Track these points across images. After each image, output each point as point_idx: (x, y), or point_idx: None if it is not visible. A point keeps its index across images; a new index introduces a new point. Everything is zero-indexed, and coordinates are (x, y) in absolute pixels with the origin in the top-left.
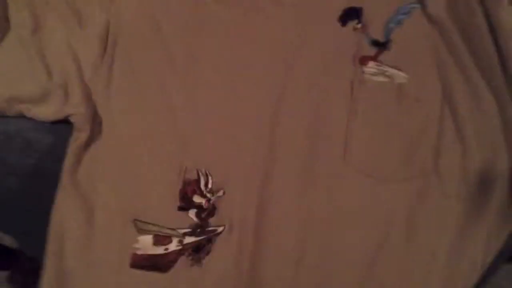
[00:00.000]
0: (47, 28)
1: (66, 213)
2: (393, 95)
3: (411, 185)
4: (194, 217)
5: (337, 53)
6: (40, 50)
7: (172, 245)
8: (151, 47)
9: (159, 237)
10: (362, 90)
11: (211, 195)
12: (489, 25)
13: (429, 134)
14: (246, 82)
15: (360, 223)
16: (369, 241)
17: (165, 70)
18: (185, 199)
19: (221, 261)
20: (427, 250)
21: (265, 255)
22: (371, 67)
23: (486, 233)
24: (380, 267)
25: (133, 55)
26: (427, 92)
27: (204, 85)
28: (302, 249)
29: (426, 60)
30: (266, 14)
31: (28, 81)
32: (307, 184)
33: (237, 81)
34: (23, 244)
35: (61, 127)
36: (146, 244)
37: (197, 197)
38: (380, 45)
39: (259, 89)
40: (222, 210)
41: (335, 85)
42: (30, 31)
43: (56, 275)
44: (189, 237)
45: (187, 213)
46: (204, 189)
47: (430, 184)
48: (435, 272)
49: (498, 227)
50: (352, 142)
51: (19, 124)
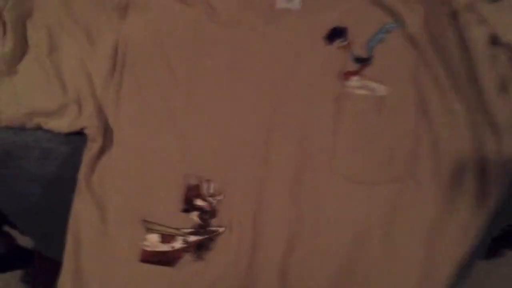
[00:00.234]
0: (62, 48)
1: (82, 215)
2: (374, 107)
3: (390, 188)
4: (196, 218)
5: (324, 68)
6: (56, 68)
7: (178, 243)
8: (155, 65)
9: (165, 236)
10: (347, 102)
11: (212, 199)
12: (460, 42)
13: (406, 141)
14: (243, 97)
15: (343, 223)
16: (351, 239)
17: (168, 86)
18: (188, 202)
19: (222, 257)
20: (404, 247)
21: (260, 253)
22: (354, 81)
23: (460, 229)
24: (362, 263)
25: (139, 72)
26: (405, 104)
27: (204, 99)
28: (291, 246)
29: (404, 74)
30: (261, 35)
31: (46, 97)
32: (297, 189)
33: (234, 96)
34: (42, 245)
35: (75, 138)
36: (154, 242)
37: (199, 200)
38: (363, 61)
39: (254, 103)
40: (222, 212)
41: (322, 98)
42: (47, 51)
43: (73, 271)
44: (193, 236)
45: (190, 215)
46: (206, 193)
47: (407, 187)
48: (413, 267)
49: (470, 223)
50: (337, 150)
51: (37, 135)
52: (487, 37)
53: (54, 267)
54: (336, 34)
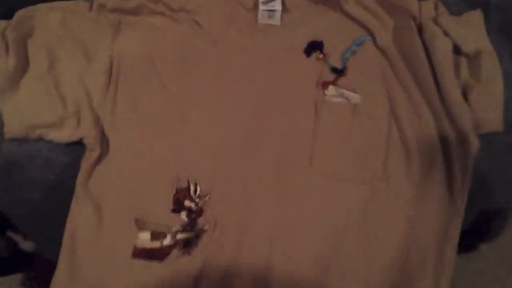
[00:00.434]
0: (61, 65)
1: (78, 216)
2: (349, 113)
3: (366, 186)
4: (185, 217)
5: (303, 78)
6: (55, 84)
7: (167, 240)
8: (147, 78)
9: (155, 233)
10: (324, 109)
11: (199, 200)
12: (426, 51)
13: (379, 143)
14: (228, 105)
15: (323, 219)
16: (330, 235)
17: (159, 96)
18: (177, 203)
19: (206, 251)
20: (380, 241)
21: (245, 249)
22: (331, 90)
23: (433, 222)
24: (339, 257)
25: (133, 85)
26: (377, 110)
27: (193, 108)
28: (275, 242)
29: (376, 83)
30: (244, 49)
31: (46, 110)
32: (280, 188)
33: (220, 105)
34: (42, 247)
35: (75, 147)
36: (145, 240)
37: (188, 201)
38: (339, 72)
39: (239, 111)
40: (208, 212)
41: (302, 105)
42: (47, 67)
43: (68, 267)
44: (180, 234)
45: (179, 215)
46: (193, 195)
47: (382, 185)
48: (388, 261)
49: (443, 215)
50: (316, 151)
51: (39, 146)
52: (450, 47)
53: (54, 269)
54: (313, 47)
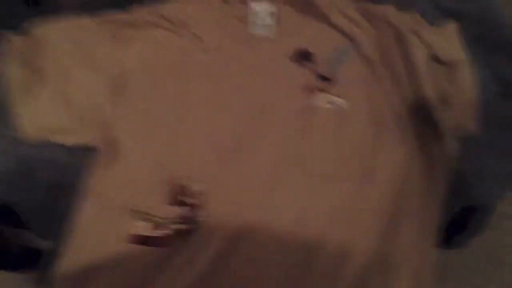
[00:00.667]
0: (70, 76)
1: (83, 213)
2: (336, 118)
3: (350, 185)
4: (183, 212)
5: (294, 85)
6: (63, 91)
7: (165, 230)
8: (147, 87)
9: (155, 224)
10: (315, 113)
11: (194, 198)
12: (406, 59)
13: (362, 146)
14: (224, 110)
15: (310, 217)
16: (313, 234)
17: (160, 102)
18: (177, 199)
19: (198, 240)
20: (361, 239)
21: (239, 243)
22: (321, 98)
23: (415, 218)
24: (320, 256)
25: (133, 93)
26: (361, 115)
27: (191, 113)
28: (266, 239)
29: (361, 90)
30: (239, 58)
31: (54, 116)
32: (272, 186)
33: (217, 109)
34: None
35: (80, 149)
36: (145, 229)
37: (186, 198)
38: (327, 80)
39: (234, 115)
40: (206, 207)
41: (292, 111)
42: (57, 78)
43: (71, 251)
44: (179, 225)
45: (177, 208)
46: (192, 192)
47: (365, 184)
48: (370, 259)
49: (424, 211)
50: (306, 152)
51: (46, 148)
52: (427, 56)
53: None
54: (302, 55)
